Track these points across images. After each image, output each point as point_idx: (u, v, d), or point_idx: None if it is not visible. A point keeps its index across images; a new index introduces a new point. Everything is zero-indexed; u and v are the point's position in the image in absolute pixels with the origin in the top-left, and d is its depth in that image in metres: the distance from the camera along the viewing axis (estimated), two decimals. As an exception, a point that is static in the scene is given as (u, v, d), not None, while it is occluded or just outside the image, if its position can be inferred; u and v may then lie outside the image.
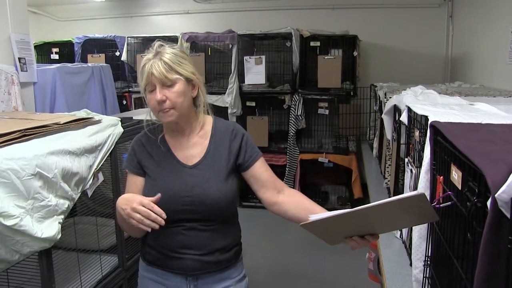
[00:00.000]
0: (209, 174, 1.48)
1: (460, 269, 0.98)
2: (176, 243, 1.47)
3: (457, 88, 3.29)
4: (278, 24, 5.14)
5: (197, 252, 1.47)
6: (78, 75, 3.19)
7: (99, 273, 1.92)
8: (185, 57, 1.47)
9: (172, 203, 1.43)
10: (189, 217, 1.46)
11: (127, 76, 5.36)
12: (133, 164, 1.52)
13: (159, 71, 1.39)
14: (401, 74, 5.10)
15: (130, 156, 1.55)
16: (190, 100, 1.48)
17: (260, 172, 1.55)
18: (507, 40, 3.40)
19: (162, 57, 1.41)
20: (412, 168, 1.66)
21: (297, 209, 1.49)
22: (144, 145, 1.54)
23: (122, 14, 6.35)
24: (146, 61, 1.43)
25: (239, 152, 1.54)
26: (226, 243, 1.53)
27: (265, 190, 1.54)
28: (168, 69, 1.40)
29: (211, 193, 1.46)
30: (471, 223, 0.89)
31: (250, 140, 1.58)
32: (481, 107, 1.66)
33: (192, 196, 1.44)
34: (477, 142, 0.94)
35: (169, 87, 1.41)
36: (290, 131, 4.93)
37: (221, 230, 1.51)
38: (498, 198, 0.68)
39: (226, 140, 1.54)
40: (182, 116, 1.46)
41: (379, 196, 2.73)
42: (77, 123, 1.85)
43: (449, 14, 5.37)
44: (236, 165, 1.54)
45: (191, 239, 1.47)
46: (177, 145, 1.53)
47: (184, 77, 1.43)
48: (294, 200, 1.52)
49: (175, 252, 1.47)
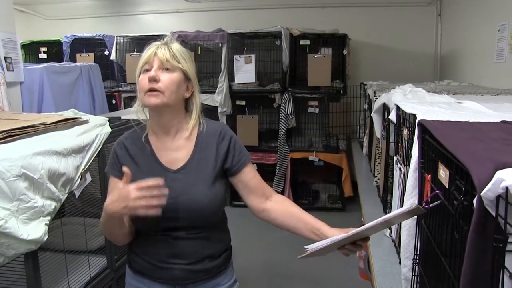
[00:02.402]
0: (194, 178, 1.41)
1: (448, 267, 0.98)
2: (163, 252, 1.41)
3: (446, 86, 3.32)
4: (268, 22, 5.14)
5: (185, 261, 1.41)
6: (66, 75, 3.16)
7: (87, 274, 1.91)
8: (191, 58, 1.46)
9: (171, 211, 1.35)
10: (175, 225, 1.39)
11: (117, 75, 5.33)
12: (116, 168, 1.44)
13: (163, 53, 1.37)
14: (390, 72, 5.13)
15: (112, 159, 1.47)
16: (181, 96, 1.43)
17: (248, 178, 1.49)
18: (494, 39, 3.43)
19: (170, 45, 1.40)
20: (401, 167, 1.66)
21: (284, 216, 1.45)
22: (127, 148, 1.46)
23: (111, 13, 6.31)
24: (152, 46, 1.40)
25: (227, 155, 1.46)
26: (215, 250, 1.47)
27: (254, 197, 1.48)
28: (173, 55, 1.38)
29: (197, 200, 1.39)
30: (458, 222, 0.89)
31: (239, 143, 1.51)
32: (469, 105, 1.67)
33: (177, 203, 1.36)
34: (464, 140, 0.94)
35: (166, 71, 1.37)
36: (280, 130, 4.93)
37: (209, 237, 1.45)
38: (483, 197, 0.68)
39: (213, 143, 1.47)
40: (168, 108, 1.40)
41: (369, 194, 2.74)
42: (64, 123, 1.83)
43: (437, 13, 5.42)
44: (224, 169, 1.47)
45: (179, 248, 1.40)
46: (161, 146, 1.45)
47: (184, 71, 1.41)
48: (282, 207, 1.47)
49: (162, 262, 1.42)
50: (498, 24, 3.36)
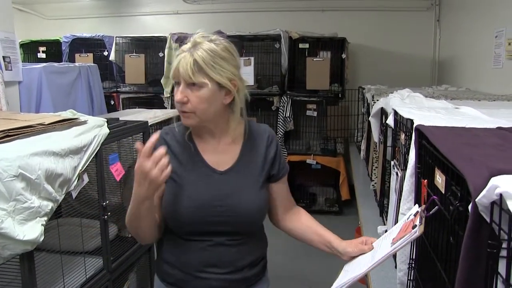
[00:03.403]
0: (243, 182, 1.34)
1: (443, 272, 0.98)
2: (200, 261, 1.31)
3: (443, 91, 3.33)
4: (267, 25, 5.16)
5: (223, 271, 1.32)
6: (65, 75, 3.16)
7: (83, 275, 1.90)
8: (225, 57, 1.26)
9: (203, 214, 1.28)
10: (218, 229, 1.30)
11: (115, 76, 5.33)
12: None
13: (185, 69, 1.21)
14: (389, 76, 5.15)
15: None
16: (219, 106, 1.29)
17: (284, 187, 1.47)
18: (492, 45, 3.44)
19: (195, 54, 1.22)
20: (398, 171, 1.66)
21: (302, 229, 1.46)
22: (168, 145, 1.35)
23: (111, 13, 6.31)
24: (180, 52, 1.25)
25: (274, 161, 1.41)
26: (254, 257, 1.40)
27: (280, 206, 1.47)
28: (196, 70, 1.21)
29: (246, 204, 1.32)
30: (453, 227, 0.89)
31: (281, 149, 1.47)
32: (466, 110, 1.68)
33: (226, 205, 1.29)
34: (460, 146, 0.94)
35: (194, 88, 1.24)
36: (278, 132, 4.94)
37: (249, 244, 1.37)
38: (478, 203, 0.68)
39: (260, 146, 1.40)
40: (208, 122, 1.31)
41: (366, 198, 2.75)
42: (62, 124, 1.82)
43: (436, 18, 5.43)
44: (269, 175, 1.41)
45: (217, 256, 1.32)
46: (205, 146, 1.37)
47: (215, 82, 1.24)
48: (300, 219, 1.48)
49: (199, 271, 1.31)
50: (496, 30, 3.38)
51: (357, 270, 1.20)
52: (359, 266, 1.22)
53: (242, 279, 1.36)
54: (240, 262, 1.35)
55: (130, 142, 2.38)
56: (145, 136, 2.41)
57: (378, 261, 1.13)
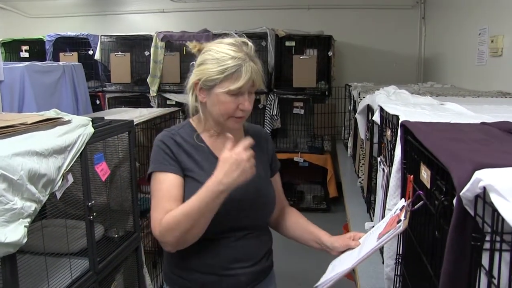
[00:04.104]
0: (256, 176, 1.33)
1: (429, 266, 0.98)
2: (227, 258, 1.33)
3: (429, 88, 3.36)
4: (254, 23, 5.14)
5: (248, 264, 1.36)
6: (49, 74, 3.11)
7: (68, 277, 1.88)
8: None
9: (229, 209, 1.28)
10: (241, 224, 1.35)
11: (101, 75, 5.27)
12: (173, 164, 1.32)
13: (258, 80, 1.31)
14: (375, 74, 5.18)
15: (165, 156, 1.33)
16: None
17: (279, 181, 1.55)
18: (476, 42, 3.48)
19: (257, 63, 1.32)
20: (384, 167, 1.67)
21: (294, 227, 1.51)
22: (180, 144, 1.35)
23: (96, 12, 6.24)
24: (240, 61, 1.28)
25: (272, 157, 1.52)
26: (267, 248, 1.46)
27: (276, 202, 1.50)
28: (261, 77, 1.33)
29: (266, 196, 1.40)
30: (439, 221, 0.90)
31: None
32: (450, 107, 1.70)
33: (247, 200, 1.33)
34: (445, 141, 0.95)
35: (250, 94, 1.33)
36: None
37: (262, 236, 1.44)
38: (462, 197, 0.68)
39: (261, 143, 1.49)
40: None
41: (353, 195, 2.76)
42: (46, 123, 1.80)
43: (421, 16, 5.48)
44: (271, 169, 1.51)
45: (242, 250, 1.35)
46: (216, 145, 1.39)
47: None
48: (293, 218, 1.53)
49: (227, 269, 1.33)
50: (479, 28, 3.41)
51: (344, 265, 1.21)
52: (346, 261, 1.24)
53: (261, 271, 1.41)
54: (259, 254, 1.40)
55: (116, 142, 2.35)
56: (131, 136, 2.39)
57: (364, 256, 1.14)
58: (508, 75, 2.88)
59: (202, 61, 1.35)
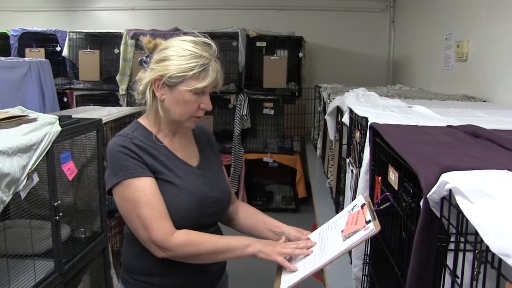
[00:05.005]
0: (215, 173, 1.45)
1: (396, 266, 1.01)
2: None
3: (397, 91, 3.43)
4: (225, 23, 5.13)
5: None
6: (13, 70, 3.01)
7: (32, 279, 1.82)
8: None
9: (202, 207, 1.34)
10: (212, 220, 1.41)
11: (69, 72, 5.15)
12: (144, 167, 1.28)
13: (221, 81, 1.35)
14: (345, 75, 5.24)
15: (133, 160, 1.27)
16: None
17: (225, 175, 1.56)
18: (443, 46, 3.58)
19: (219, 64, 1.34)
20: (353, 169, 1.70)
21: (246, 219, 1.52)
22: (142, 148, 1.30)
23: (64, 7, 6.07)
24: (207, 60, 1.29)
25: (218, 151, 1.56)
26: None
27: None
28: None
29: (225, 193, 1.44)
30: (406, 222, 0.92)
31: None
32: (418, 109, 1.74)
33: (214, 196, 1.38)
34: (412, 143, 0.97)
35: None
36: (235, 130, 4.93)
37: (218, 232, 1.47)
38: (429, 199, 0.70)
39: (206, 138, 1.52)
40: None
41: (322, 196, 2.79)
42: (10, 121, 1.74)
43: (391, 19, 5.60)
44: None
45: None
46: (172, 145, 1.38)
47: None
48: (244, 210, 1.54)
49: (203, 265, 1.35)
50: (445, 32, 3.51)
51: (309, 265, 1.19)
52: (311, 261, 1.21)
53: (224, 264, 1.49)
54: None
55: (84, 141, 2.30)
56: (99, 134, 2.34)
57: (334, 256, 1.14)
58: (473, 79, 2.97)
59: (164, 57, 1.31)
